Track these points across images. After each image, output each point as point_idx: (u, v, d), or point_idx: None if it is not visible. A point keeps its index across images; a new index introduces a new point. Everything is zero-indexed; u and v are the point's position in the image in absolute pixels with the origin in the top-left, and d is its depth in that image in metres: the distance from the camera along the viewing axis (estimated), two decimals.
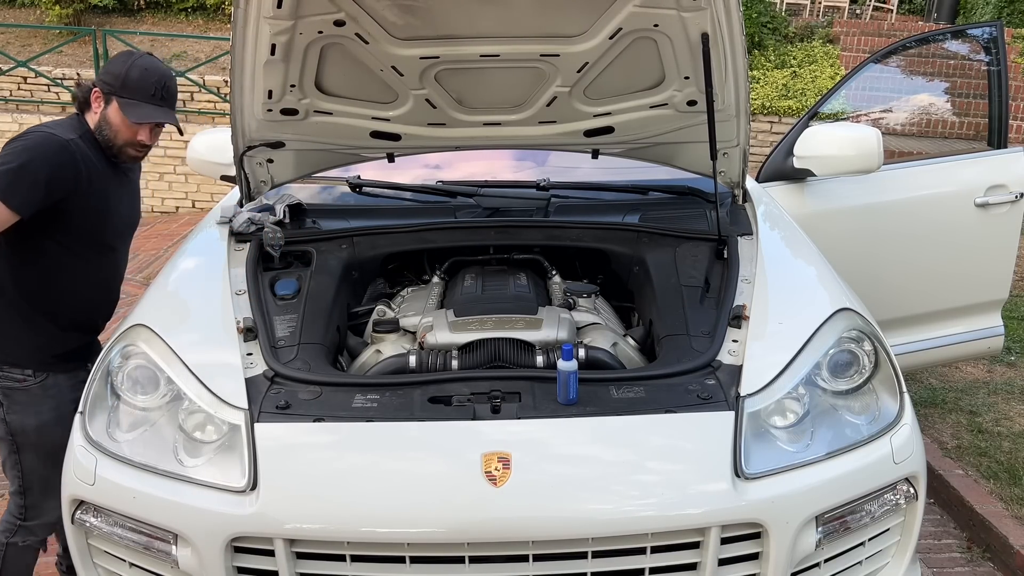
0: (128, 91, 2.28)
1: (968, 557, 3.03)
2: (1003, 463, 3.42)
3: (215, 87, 9.50)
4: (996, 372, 4.40)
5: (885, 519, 2.02)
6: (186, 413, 1.97)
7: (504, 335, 2.20)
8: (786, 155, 3.42)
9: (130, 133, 2.30)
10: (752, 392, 1.96)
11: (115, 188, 2.37)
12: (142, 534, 1.91)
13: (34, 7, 11.24)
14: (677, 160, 2.85)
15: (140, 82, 2.28)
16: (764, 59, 9.81)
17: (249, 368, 2.04)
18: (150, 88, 2.29)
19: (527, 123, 2.68)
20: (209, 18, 11.37)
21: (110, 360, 2.10)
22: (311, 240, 2.65)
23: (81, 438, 2.00)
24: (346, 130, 2.68)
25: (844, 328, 2.13)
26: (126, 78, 2.28)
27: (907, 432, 2.03)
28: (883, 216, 3.46)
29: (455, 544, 1.78)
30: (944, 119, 8.33)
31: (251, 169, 2.71)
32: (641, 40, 2.40)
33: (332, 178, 3.05)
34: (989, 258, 3.52)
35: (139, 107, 2.29)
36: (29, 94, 9.87)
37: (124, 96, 2.28)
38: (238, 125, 2.55)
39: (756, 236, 2.57)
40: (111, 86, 2.29)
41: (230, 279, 2.38)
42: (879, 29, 11.06)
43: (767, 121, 8.57)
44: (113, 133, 2.31)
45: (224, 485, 1.84)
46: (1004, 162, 3.50)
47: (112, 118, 2.30)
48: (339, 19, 2.27)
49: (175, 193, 8.98)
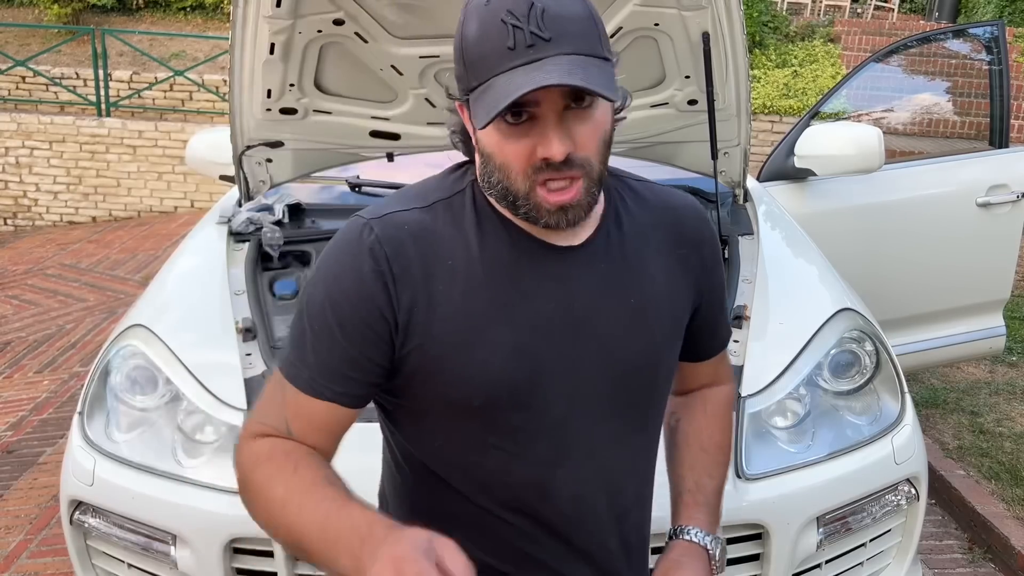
0: (476, 68, 0.98)
1: (969, 558, 3.02)
2: (1005, 464, 3.41)
3: (214, 86, 9.50)
4: (998, 372, 4.39)
5: (886, 520, 2.01)
6: (185, 413, 1.96)
7: None
8: (787, 155, 3.41)
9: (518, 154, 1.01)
10: (753, 392, 1.95)
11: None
12: (140, 535, 1.91)
13: (32, 6, 11.24)
14: (678, 159, 2.84)
15: (486, 33, 0.97)
16: (765, 58, 9.80)
17: (248, 368, 2.03)
18: (505, 34, 0.95)
19: None
20: (208, 17, 11.36)
21: (108, 360, 2.09)
22: (310, 240, 2.65)
23: (79, 438, 2.00)
24: (345, 129, 2.68)
25: (845, 328, 2.13)
26: (463, 43, 1.00)
27: (908, 432, 2.02)
28: (884, 216, 3.45)
29: None
30: (945, 119, 8.32)
31: (250, 169, 2.70)
32: (642, 39, 2.39)
33: (331, 178, 3.05)
34: (990, 258, 3.51)
35: (491, 88, 0.97)
36: (28, 93, 9.87)
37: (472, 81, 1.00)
38: (237, 124, 2.54)
39: (757, 236, 2.57)
40: (460, 79, 1.03)
41: (229, 279, 2.37)
42: (880, 28, 11.05)
43: (768, 120, 8.56)
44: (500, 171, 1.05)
45: (223, 486, 1.83)
46: (1005, 162, 3.50)
47: (485, 143, 1.04)
48: (338, 18, 2.26)
49: (174, 193, 8.98)
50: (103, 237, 7.82)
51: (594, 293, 1.08)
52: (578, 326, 1.07)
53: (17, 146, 9.02)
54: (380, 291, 1.02)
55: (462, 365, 1.03)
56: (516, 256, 1.06)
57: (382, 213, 1.06)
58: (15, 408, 4.05)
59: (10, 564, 2.82)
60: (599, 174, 1.03)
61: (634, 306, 1.10)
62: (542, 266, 1.07)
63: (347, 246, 1.05)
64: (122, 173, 8.99)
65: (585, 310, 1.08)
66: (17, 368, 4.60)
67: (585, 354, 1.07)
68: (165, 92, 9.67)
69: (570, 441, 1.08)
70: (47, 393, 4.21)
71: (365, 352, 1.03)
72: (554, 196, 0.99)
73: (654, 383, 1.15)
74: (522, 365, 1.05)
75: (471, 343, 1.03)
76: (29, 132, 8.98)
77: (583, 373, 1.08)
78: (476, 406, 1.05)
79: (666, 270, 1.14)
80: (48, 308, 5.61)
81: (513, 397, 1.05)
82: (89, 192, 9.06)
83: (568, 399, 1.07)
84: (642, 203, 1.16)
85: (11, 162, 9.05)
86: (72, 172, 9.03)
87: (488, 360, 1.03)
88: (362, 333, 1.03)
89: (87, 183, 9.03)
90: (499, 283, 1.05)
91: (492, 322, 1.04)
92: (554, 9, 0.95)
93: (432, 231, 1.05)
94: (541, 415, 1.06)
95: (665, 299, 1.14)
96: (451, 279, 1.04)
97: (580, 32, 0.96)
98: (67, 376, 4.42)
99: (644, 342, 1.11)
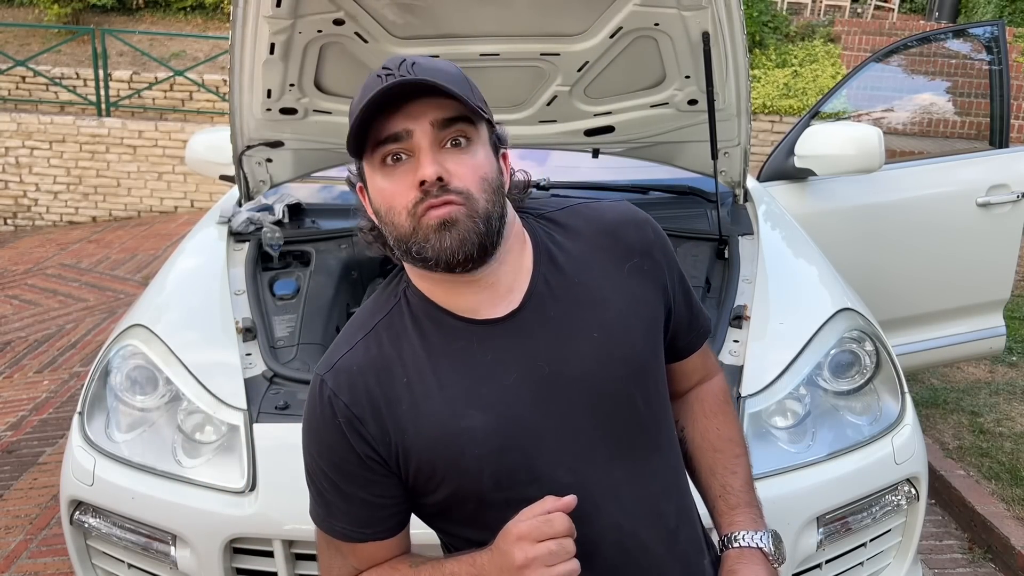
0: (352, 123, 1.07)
1: (970, 558, 3.02)
2: (1005, 464, 3.41)
3: (214, 86, 9.49)
4: (998, 372, 4.39)
5: (886, 520, 2.01)
6: (185, 414, 1.96)
7: None
8: (787, 154, 3.41)
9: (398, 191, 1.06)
10: (753, 392, 1.95)
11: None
12: (141, 535, 1.91)
13: (32, 6, 11.24)
14: (678, 159, 2.84)
15: (363, 90, 1.07)
16: (765, 58, 9.80)
17: (248, 368, 2.03)
18: (378, 83, 1.04)
19: (527, 122, 2.67)
20: (208, 17, 11.36)
21: (109, 360, 2.09)
22: (310, 240, 2.65)
23: (80, 439, 2.00)
24: (345, 129, 2.66)
25: (845, 328, 2.12)
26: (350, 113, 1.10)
27: (908, 432, 2.02)
28: (884, 216, 3.45)
29: None
30: (946, 118, 8.31)
31: (250, 168, 2.70)
32: (642, 39, 2.39)
33: (331, 178, 3.04)
34: (991, 258, 3.51)
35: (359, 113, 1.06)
36: (28, 93, 9.86)
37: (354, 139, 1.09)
38: (237, 124, 2.54)
39: (757, 236, 2.57)
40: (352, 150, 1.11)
41: (229, 279, 2.37)
42: (880, 28, 11.05)
43: (768, 120, 8.56)
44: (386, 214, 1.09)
45: (223, 486, 1.83)
46: (1006, 162, 3.49)
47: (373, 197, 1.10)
48: (338, 18, 2.26)
49: (174, 193, 8.98)
50: (103, 237, 7.81)
51: (553, 344, 1.08)
52: (550, 383, 1.07)
53: (17, 146, 9.02)
54: (354, 436, 1.06)
55: (454, 463, 1.05)
56: (463, 345, 1.08)
57: (332, 363, 1.10)
58: (15, 408, 4.05)
59: (10, 564, 2.82)
60: (485, 212, 1.03)
61: (599, 339, 1.09)
62: (491, 342, 1.08)
63: (313, 405, 1.10)
64: (122, 173, 8.98)
65: (550, 364, 1.07)
66: (17, 368, 4.60)
67: (568, 406, 1.07)
68: (165, 92, 9.66)
69: (591, 491, 1.06)
70: (47, 393, 4.21)
71: (374, 491, 1.08)
72: (434, 212, 1.02)
73: (649, 400, 1.13)
74: (508, 444, 1.05)
75: (452, 442, 1.05)
76: (29, 132, 8.98)
77: (575, 424, 1.07)
78: (489, 492, 1.06)
79: (621, 288, 1.13)
80: (48, 308, 5.61)
81: (515, 475, 1.06)
82: (89, 192, 9.06)
83: (572, 455, 1.07)
84: (573, 234, 1.16)
85: (11, 162, 9.05)
86: (72, 172, 9.03)
87: (474, 451, 1.05)
88: (364, 477, 1.08)
89: (87, 183, 9.03)
90: (456, 378, 1.07)
91: (463, 416, 1.05)
92: (425, 63, 1.04)
93: (378, 359, 1.09)
94: (552, 479, 1.06)
95: (631, 316, 1.12)
96: (411, 394, 1.07)
97: (452, 79, 1.03)
98: (67, 376, 4.42)
99: (624, 368, 1.10)
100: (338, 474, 1.08)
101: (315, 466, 1.11)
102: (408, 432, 1.06)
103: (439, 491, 1.08)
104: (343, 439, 1.07)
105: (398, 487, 1.09)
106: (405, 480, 1.08)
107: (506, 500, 1.04)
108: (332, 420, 1.07)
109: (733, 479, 1.22)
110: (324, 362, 1.12)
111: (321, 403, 1.08)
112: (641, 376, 1.12)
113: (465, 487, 1.06)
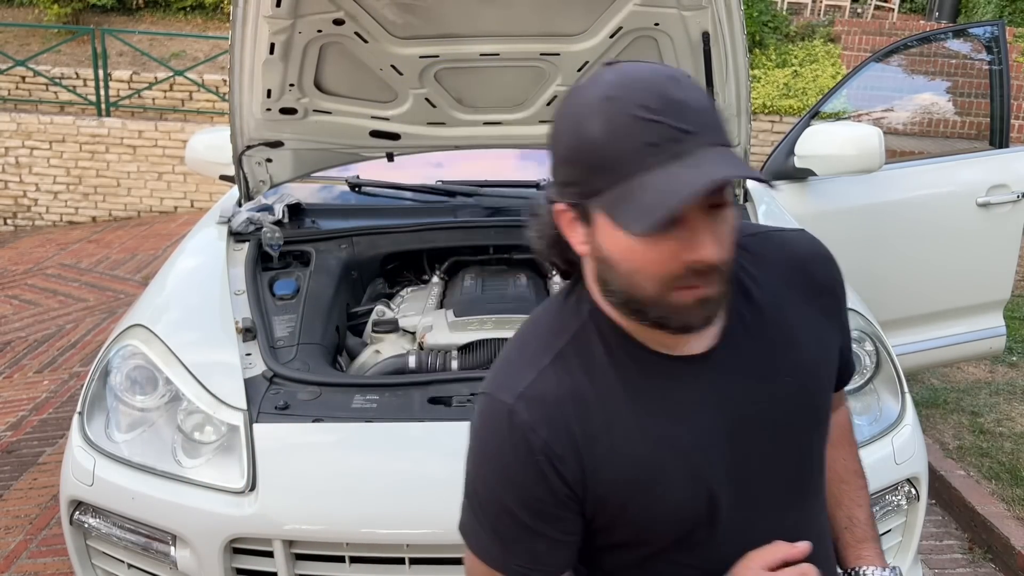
0: (607, 169, 0.90)
1: (970, 558, 3.02)
2: (1005, 464, 3.41)
3: (214, 86, 9.49)
4: (998, 372, 4.39)
5: (887, 520, 2.01)
6: (185, 414, 1.96)
7: (504, 336, 2.19)
8: (787, 154, 3.41)
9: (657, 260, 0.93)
10: None
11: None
12: (140, 535, 1.91)
13: (32, 6, 11.23)
14: None
15: (617, 131, 0.89)
16: (765, 58, 9.80)
17: (248, 368, 2.03)
18: (643, 130, 0.88)
19: (527, 122, 2.67)
20: (208, 17, 11.35)
21: (108, 360, 2.09)
22: (310, 240, 2.65)
23: (79, 439, 2.00)
24: (345, 129, 2.68)
25: None
26: (583, 144, 0.91)
27: (909, 433, 2.02)
28: (884, 216, 3.45)
29: (455, 546, 1.77)
30: (946, 119, 8.31)
31: (250, 168, 2.70)
32: (642, 39, 2.39)
33: (331, 178, 3.05)
34: (991, 258, 3.51)
35: (641, 188, 0.89)
36: (27, 93, 9.86)
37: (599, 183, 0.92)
38: (237, 124, 2.54)
39: None
40: (576, 183, 0.93)
41: (229, 279, 2.37)
42: (880, 28, 11.05)
43: (768, 120, 8.56)
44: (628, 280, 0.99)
45: (223, 486, 1.83)
46: (1006, 162, 3.49)
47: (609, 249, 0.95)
48: (338, 18, 2.26)
49: (174, 193, 8.98)
50: (103, 237, 7.81)
51: (749, 386, 1.02)
52: (744, 427, 1.02)
53: (17, 146, 9.02)
54: (553, 476, 0.97)
55: (645, 507, 0.99)
56: (660, 382, 1.00)
57: (519, 389, 0.98)
58: (15, 408, 4.05)
59: (10, 564, 2.82)
60: (730, 274, 0.95)
61: (791, 384, 1.03)
62: (689, 381, 1.00)
63: (499, 435, 0.99)
64: (122, 173, 8.98)
65: (745, 407, 1.01)
66: (17, 368, 4.60)
67: (756, 454, 1.02)
68: (165, 92, 9.66)
69: (758, 536, 1.03)
70: (47, 393, 4.20)
71: (566, 528, 1.01)
72: (693, 292, 0.91)
73: (822, 447, 1.10)
74: (700, 490, 1.00)
75: (648, 485, 0.99)
76: (29, 132, 8.97)
77: (762, 470, 1.03)
78: (665, 538, 1.02)
79: (811, 329, 1.06)
80: (48, 308, 5.61)
81: (699, 520, 1.01)
82: (89, 192, 9.06)
83: (751, 501, 1.03)
84: (764, 264, 1.07)
85: (11, 162, 9.05)
86: (72, 172, 9.03)
87: (668, 496, 0.99)
88: (556, 515, 1.00)
89: (87, 183, 9.03)
90: (654, 416, 0.99)
91: (661, 458, 0.99)
92: (690, 103, 0.89)
93: (573, 390, 0.99)
94: (729, 527, 1.02)
95: (821, 362, 1.07)
96: (609, 435, 0.99)
97: (715, 124, 0.91)
98: (67, 376, 4.42)
99: (811, 417, 1.06)
100: (528, 513, 0.99)
101: (496, 502, 1.00)
102: (602, 472, 0.98)
103: (616, 532, 1.02)
104: (541, 479, 0.97)
105: (582, 523, 1.02)
106: (589, 518, 1.01)
107: (682, 544, 1.02)
108: (528, 457, 0.96)
109: (859, 512, 1.21)
110: (504, 386, 0.99)
111: (512, 435, 0.97)
112: (823, 424, 1.09)
113: (648, 529, 1.01)
